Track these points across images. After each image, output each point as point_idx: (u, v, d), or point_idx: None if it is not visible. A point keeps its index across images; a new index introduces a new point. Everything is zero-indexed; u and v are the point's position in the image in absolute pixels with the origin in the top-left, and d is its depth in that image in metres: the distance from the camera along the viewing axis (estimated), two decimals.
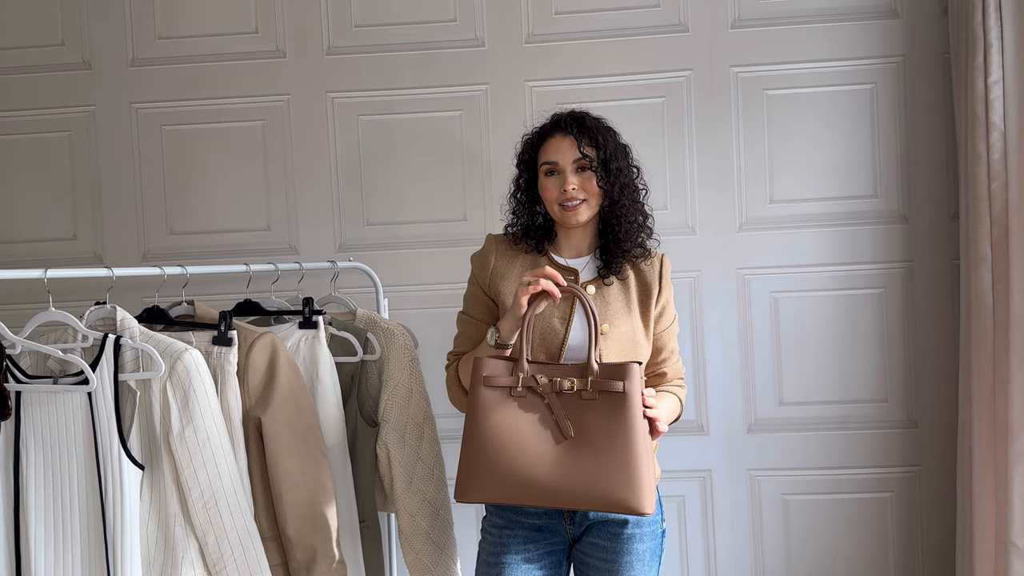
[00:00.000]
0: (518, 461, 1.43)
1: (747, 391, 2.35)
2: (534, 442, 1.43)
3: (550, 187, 1.60)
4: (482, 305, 1.68)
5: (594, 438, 1.42)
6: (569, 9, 2.35)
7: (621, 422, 1.42)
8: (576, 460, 1.42)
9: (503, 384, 1.46)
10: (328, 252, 2.38)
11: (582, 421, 1.43)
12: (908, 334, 2.32)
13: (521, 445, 1.43)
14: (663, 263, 1.67)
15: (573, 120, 1.61)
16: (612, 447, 1.41)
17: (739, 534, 2.36)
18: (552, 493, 1.42)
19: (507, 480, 1.43)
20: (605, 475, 1.41)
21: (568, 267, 1.63)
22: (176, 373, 1.47)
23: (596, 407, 1.43)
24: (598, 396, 1.44)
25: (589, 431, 1.43)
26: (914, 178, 2.31)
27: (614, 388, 1.43)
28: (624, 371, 1.44)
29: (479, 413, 1.46)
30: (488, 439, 1.44)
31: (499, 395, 1.46)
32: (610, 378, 1.44)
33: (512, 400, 1.46)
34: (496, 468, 1.43)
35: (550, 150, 1.61)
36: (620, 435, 1.42)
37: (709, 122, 2.33)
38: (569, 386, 1.44)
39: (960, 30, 2.12)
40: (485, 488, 1.45)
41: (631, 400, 1.43)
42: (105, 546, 1.45)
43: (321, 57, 2.39)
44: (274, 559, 1.61)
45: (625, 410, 1.42)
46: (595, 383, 1.44)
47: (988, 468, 2.07)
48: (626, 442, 1.41)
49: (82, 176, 2.43)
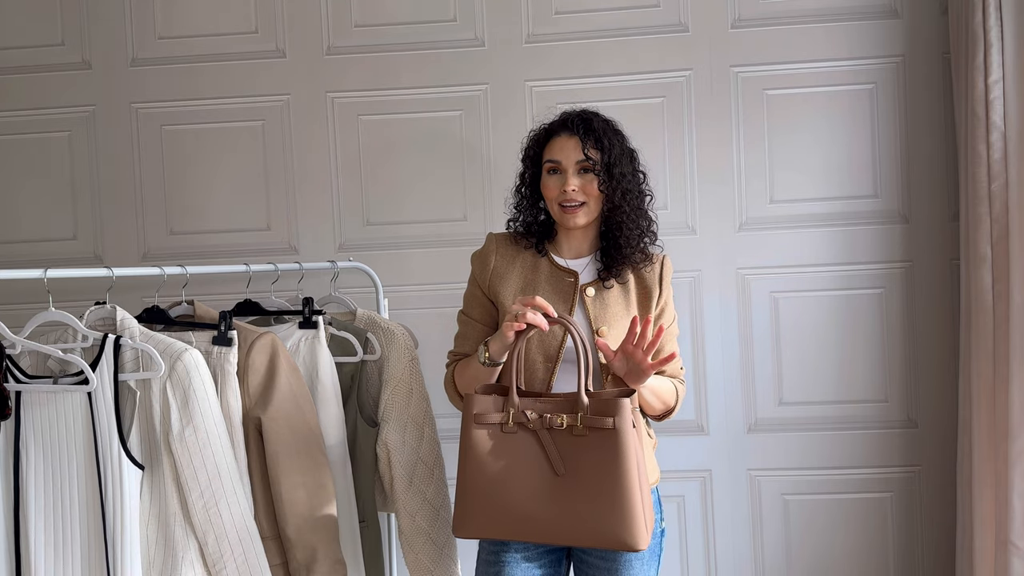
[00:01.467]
0: (512, 498, 1.42)
1: (747, 391, 2.35)
2: (527, 479, 1.42)
3: (551, 186, 1.60)
4: (481, 307, 1.67)
5: (586, 475, 1.41)
6: (569, 9, 2.35)
7: (612, 459, 1.40)
8: (569, 497, 1.41)
9: (494, 421, 1.45)
10: (328, 252, 2.38)
11: (574, 457, 1.42)
12: (908, 334, 2.32)
13: (514, 482, 1.42)
14: (664, 265, 1.65)
15: (581, 121, 1.60)
16: (604, 484, 1.39)
17: (739, 534, 2.36)
18: (547, 530, 1.42)
19: (502, 517, 1.43)
20: (598, 513, 1.39)
21: (567, 268, 1.63)
22: (176, 373, 1.47)
23: (587, 443, 1.42)
24: (588, 432, 1.42)
25: (581, 468, 1.41)
26: (914, 178, 2.31)
27: (604, 425, 1.41)
28: (615, 406, 1.41)
29: (471, 451, 1.45)
30: (481, 477, 1.43)
31: (491, 432, 1.45)
32: (600, 414, 1.41)
33: (504, 436, 1.44)
34: (491, 505, 1.43)
35: (554, 148, 1.60)
36: (612, 472, 1.40)
37: (709, 122, 2.33)
38: (560, 423, 1.42)
39: (960, 30, 2.12)
40: (481, 524, 1.44)
41: (622, 436, 1.40)
42: (105, 546, 1.45)
43: (321, 57, 2.39)
44: (274, 559, 1.61)
45: (616, 447, 1.40)
46: (585, 419, 1.42)
47: (988, 468, 2.07)
48: (618, 479, 1.39)
49: (82, 176, 2.43)
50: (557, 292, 1.61)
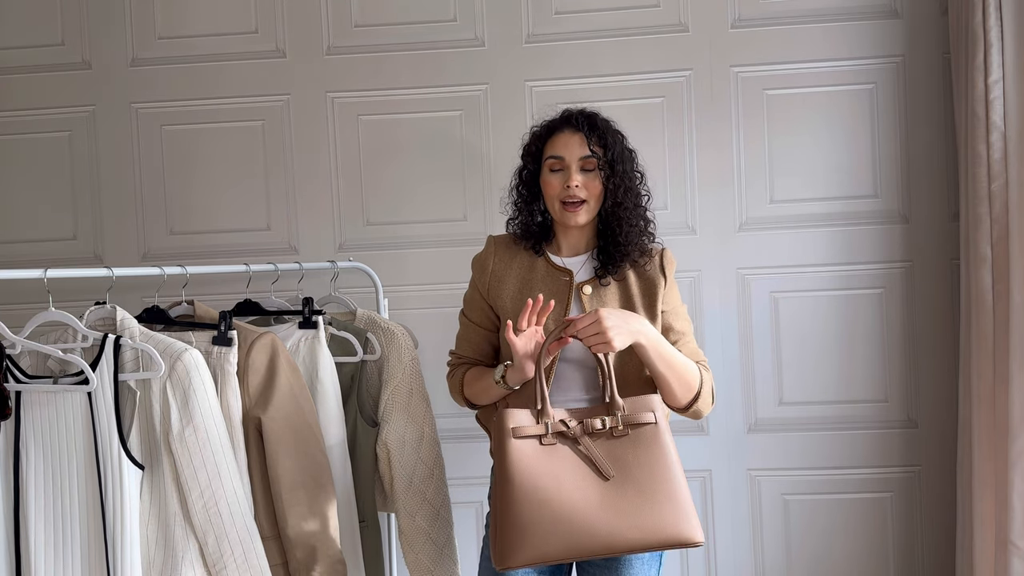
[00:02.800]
0: (564, 512, 1.35)
1: (747, 391, 2.35)
2: (576, 489, 1.37)
3: (553, 183, 1.59)
4: (480, 311, 1.67)
5: (635, 474, 1.39)
6: (569, 9, 2.35)
7: (657, 452, 1.40)
8: (622, 499, 1.37)
9: (532, 434, 1.41)
10: (328, 252, 2.38)
11: (618, 457, 1.40)
12: (908, 334, 2.32)
13: (564, 495, 1.36)
14: (664, 257, 1.64)
15: (584, 118, 1.60)
16: (654, 479, 1.38)
17: (739, 534, 2.36)
18: (605, 539, 1.35)
19: (555, 534, 1.34)
20: (656, 510, 1.37)
21: (563, 267, 1.63)
22: (176, 373, 1.47)
23: (628, 443, 1.41)
24: (629, 431, 1.42)
25: (629, 467, 1.40)
26: (914, 178, 2.31)
27: (645, 420, 1.42)
28: (650, 401, 1.43)
29: (513, 467, 1.38)
30: (527, 494, 1.36)
31: (530, 446, 1.41)
32: (638, 410, 1.43)
33: (543, 449, 1.41)
34: (541, 524, 1.35)
35: (558, 145, 1.60)
36: (659, 466, 1.39)
37: (709, 122, 2.33)
38: (601, 425, 1.42)
39: (960, 30, 2.12)
40: (533, 546, 1.34)
41: (663, 429, 1.42)
42: (105, 546, 1.45)
43: (321, 57, 2.39)
44: (274, 559, 1.61)
45: (660, 439, 1.41)
46: (625, 418, 1.42)
47: (988, 468, 2.07)
48: (666, 471, 1.39)
49: (82, 176, 2.43)
50: (553, 291, 1.60)
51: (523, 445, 1.40)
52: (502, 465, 1.41)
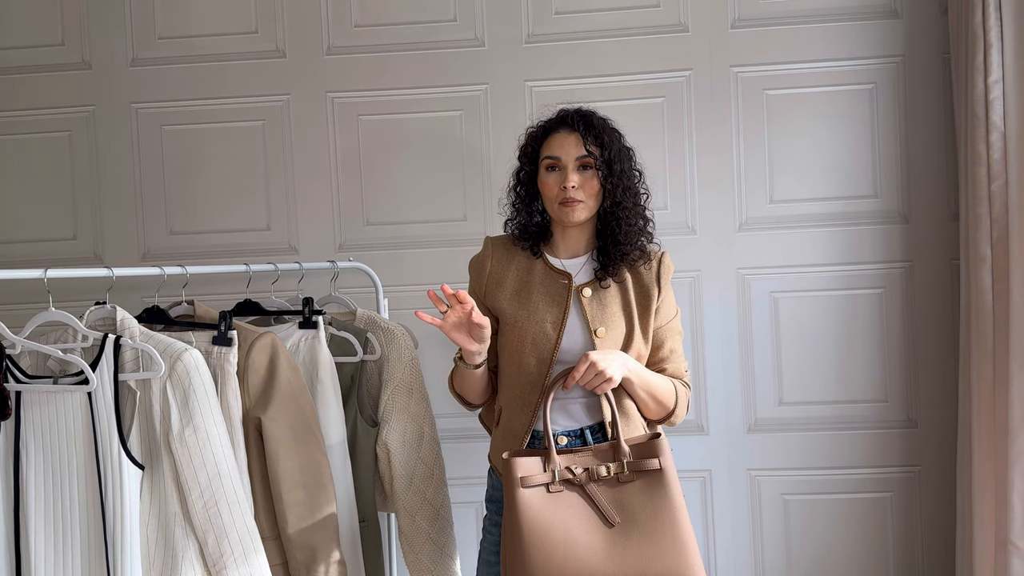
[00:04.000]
0: (571, 560, 1.40)
1: (747, 391, 2.35)
2: (583, 536, 1.41)
3: (550, 183, 1.59)
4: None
5: (640, 519, 1.42)
6: (569, 9, 2.35)
7: (663, 499, 1.43)
8: (627, 546, 1.41)
9: (540, 482, 1.44)
10: (328, 252, 2.38)
11: (623, 503, 1.43)
12: (908, 334, 2.32)
13: (571, 543, 1.41)
14: (662, 264, 1.63)
15: (580, 117, 1.60)
16: (660, 526, 1.41)
17: (739, 534, 2.36)
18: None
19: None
20: (660, 555, 1.40)
21: (561, 270, 1.62)
22: (176, 373, 1.47)
23: (635, 488, 1.44)
24: (635, 477, 1.44)
25: (634, 512, 1.43)
26: (914, 178, 2.31)
27: (651, 467, 1.44)
28: (656, 447, 1.46)
29: (522, 516, 1.43)
30: (537, 542, 1.41)
31: (538, 494, 1.44)
32: (644, 456, 1.45)
33: (552, 496, 1.44)
34: (549, 571, 1.40)
35: (554, 145, 1.60)
36: (665, 511, 1.42)
37: (709, 122, 2.33)
38: (606, 472, 1.44)
39: (960, 30, 2.12)
40: None
41: (669, 475, 1.44)
42: (105, 546, 1.45)
43: (321, 57, 2.39)
44: (274, 559, 1.61)
45: (665, 486, 1.43)
46: (631, 464, 1.45)
47: (988, 468, 2.07)
48: (673, 518, 1.42)
49: (82, 176, 2.43)
50: (551, 294, 1.60)
51: (531, 494, 1.44)
52: (511, 515, 1.45)
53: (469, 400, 1.69)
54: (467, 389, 1.64)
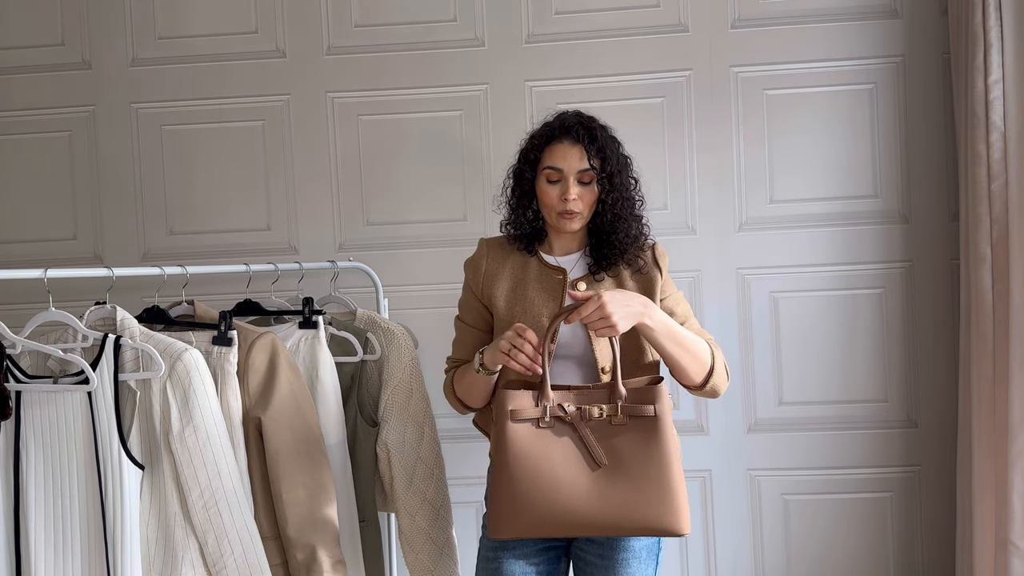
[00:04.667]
0: (553, 495, 1.40)
1: (747, 391, 2.35)
2: (567, 474, 1.41)
3: (551, 193, 1.59)
4: (475, 311, 1.68)
5: (628, 464, 1.41)
6: (569, 9, 2.35)
7: (655, 446, 1.41)
8: (612, 488, 1.40)
9: (530, 416, 1.44)
10: (328, 252, 2.38)
11: (614, 446, 1.42)
12: (908, 334, 2.32)
13: (555, 478, 1.41)
14: (656, 249, 1.65)
15: (584, 130, 1.59)
16: (648, 472, 1.40)
17: (739, 534, 2.36)
18: (590, 523, 1.41)
19: (543, 514, 1.40)
20: (644, 501, 1.39)
21: (556, 266, 1.63)
22: (176, 373, 1.47)
23: (627, 431, 1.42)
24: (629, 421, 1.42)
25: (623, 457, 1.41)
26: (914, 178, 2.31)
27: (645, 412, 1.42)
28: (654, 394, 1.42)
29: (508, 449, 1.42)
30: (520, 474, 1.41)
31: (527, 428, 1.43)
32: (640, 402, 1.42)
33: (541, 432, 1.43)
34: (531, 503, 1.40)
35: (556, 155, 1.59)
36: (655, 459, 1.40)
37: (709, 122, 2.33)
38: (599, 413, 1.42)
39: (960, 30, 2.12)
40: (521, 523, 1.42)
41: (663, 423, 1.41)
42: (105, 546, 1.45)
43: (321, 57, 2.39)
44: (274, 559, 1.61)
45: (658, 434, 1.41)
46: (625, 408, 1.42)
47: (988, 468, 2.07)
48: (661, 466, 1.40)
49: (82, 176, 2.43)
50: (546, 290, 1.61)
51: (520, 427, 1.43)
52: (499, 445, 1.44)
53: (471, 405, 1.67)
54: (475, 395, 1.63)
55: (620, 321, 1.42)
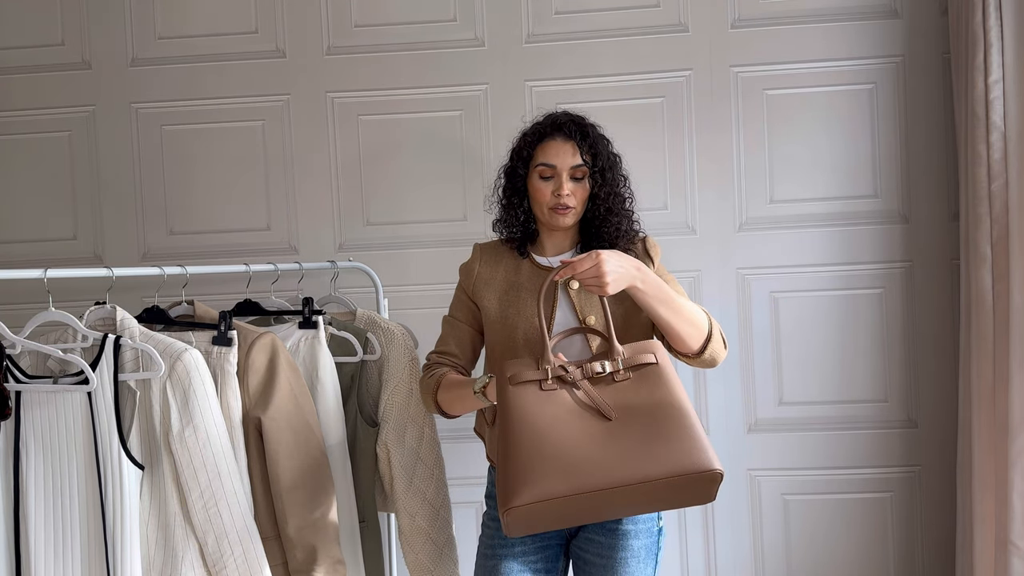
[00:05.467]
0: (565, 446, 1.31)
1: (747, 391, 2.35)
2: (578, 426, 1.34)
3: (544, 190, 1.60)
4: (466, 309, 1.69)
5: (639, 415, 1.34)
6: (569, 9, 2.35)
7: (661, 391, 1.36)
8: (627, 439, 1.32)
9: (531, 379, 1.39)
10: (328, 252, 2.38)
11: (621, 403, 1.36)
12: (908, 334, 2.32)
13: (565, 432, 1.33)
14: (646, 242, 1.66)
15: (575, 126, 1.61)
16: (660, 418, 1.33)
17: (739, 534, 2.36)
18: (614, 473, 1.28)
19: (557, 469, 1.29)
20: (665, 445, 1.31)
21: (548, 267, 1.64)
22: (176, 373, 1.47)
23: (631, 386, 1.38)
24: (632, 374, 1.39)
25: (632, 410, 1.35)
26: (914, 178, 2.31)
27: (646, 360, 1.39)
28: (650, 345, 1.42)
29: (512, 413, 1.36)
30: (526, 433, 1.33)
31: (530, 391, 1.38)
32: (638, 354, 1.41)
33: (543, 394, 1.38)
34: (542, 459, 1.30)
35: (549, 152, 1.61)
36: (666, 402, 1.35)
37: (709, 122, 2.33)
38: (601, 369, 1.38)
39: (960, 30, 2.12)
40: (535, 483, 1.28)
41: (666, 368, 1.38)
42: (105, 546, 1.45)
43: (321, 57, 2.39)
44: (274, 559, 1.61)
45: (664, 377, 1.37)
46: (625, 361, 1.39)
47: (988, 468, 2.07)
48: (673, 406, 1.34)
49: (82, 176, 2.43)
50: (539, 289, 1.60)
51: (522, 390, 1.38)
52: (503, 410, 1.38)
53: (450, 413, 1.66)
54: (458, 408, 1.62)
55: (612, 282, 1.39)
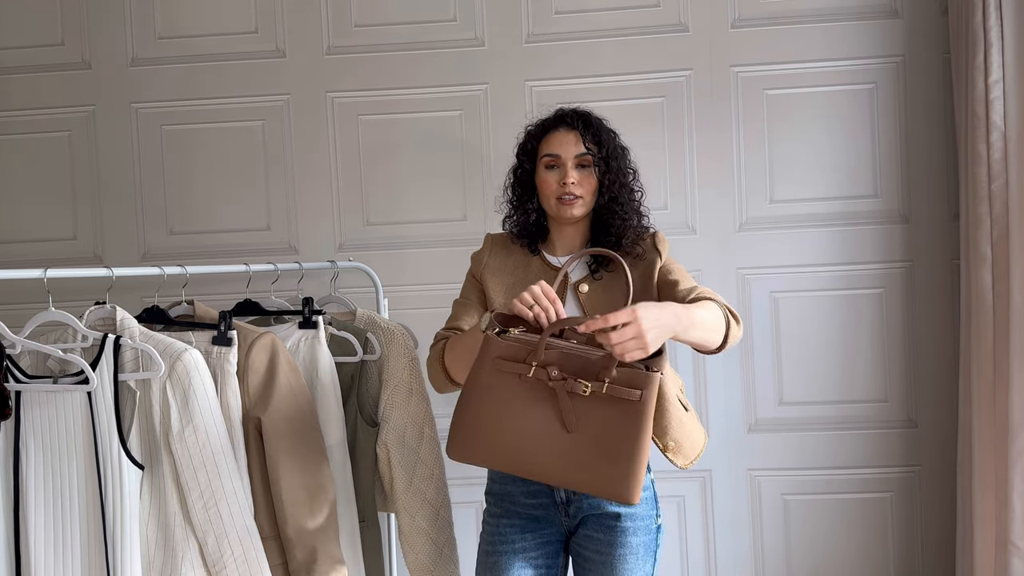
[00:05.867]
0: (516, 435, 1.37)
1: (747, 391, 2.35)
2: (537, 422, 1.37)
3: (549, 180, 1.61)
4: (477, 291, 1.69)
5: (598, 435, 1.36)
6: (569, 9, 2.35)
7: (631, 428, 1.35)
8: (575, 449, 1.36)
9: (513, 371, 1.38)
10: (328, 252, 2.38)
11: (588, 416, 1.37)
12: (908, 334, 2.32)
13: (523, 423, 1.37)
14: (656, 237, 1.66)
15: (578, 116, 1.63)
16: (617, 447, 1.35)
17: (739, 534, 2.36)
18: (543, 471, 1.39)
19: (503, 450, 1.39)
20: (604, 469, 1.35)
21: (558, 267, 1.63)
22: (176, 373, 1.47)
23: (606, 407, 1.36)
24: (612, 401, 1.36)
25: (594, 428, 1.36)
26: (914, 178, 2.31)
27: (630, 396, 1.35)
28: (647, 381, 1.36)
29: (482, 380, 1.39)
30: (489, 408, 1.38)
31: (507, 376, 1.38)
32: (628, 384, 1.36)
33: (519, 382, 1.38)
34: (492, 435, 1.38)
35: (553, 143, 1.62)
36: (628, 439, 1.35)
37: (709, 122, 2.33)
38: (583, 390, 1.36)
39: (960, 30, 2.12)
40: (477, 453, 1.41)
41: (645, 408, 1.36)
42: (105, 546, 1.45)
43: (321, 57, 2.39)
44: (274, 559, 1.61)
45: (637, 418, 1.36)
46: (611, 388, 1.35)
47: (988, 468, 2.07)
48: (633, 446, 1.35)
49: (82, 176, 2.43)
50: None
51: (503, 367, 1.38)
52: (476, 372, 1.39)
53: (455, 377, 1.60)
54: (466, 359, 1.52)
55: (653, 340, 1.31)
